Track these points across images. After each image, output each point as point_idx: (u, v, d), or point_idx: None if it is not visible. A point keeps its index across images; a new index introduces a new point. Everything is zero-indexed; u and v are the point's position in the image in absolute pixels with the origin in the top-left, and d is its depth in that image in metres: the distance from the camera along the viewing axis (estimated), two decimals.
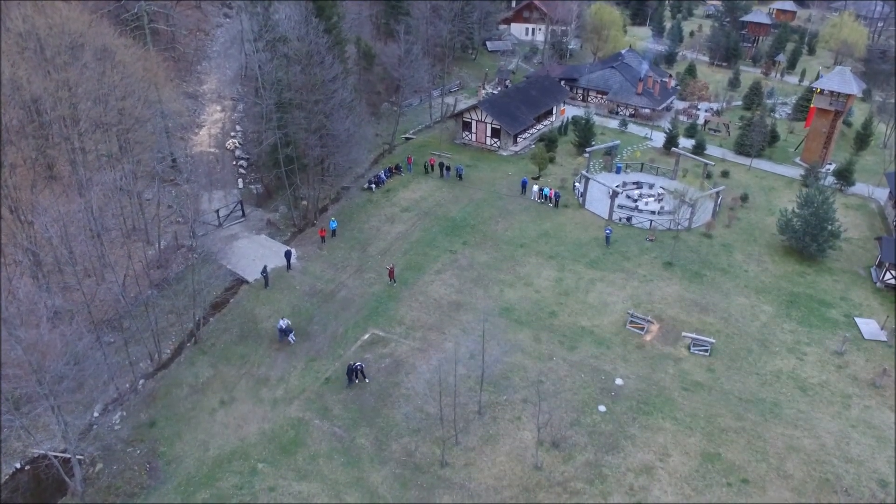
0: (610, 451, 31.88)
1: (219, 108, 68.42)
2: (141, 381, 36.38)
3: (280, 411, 34.17)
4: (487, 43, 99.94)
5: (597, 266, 46.80)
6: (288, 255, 45.47)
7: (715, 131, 74.51)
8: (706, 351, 38.53)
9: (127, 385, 35.89)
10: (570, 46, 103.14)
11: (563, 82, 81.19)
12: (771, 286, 45.40)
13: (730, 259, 48.48)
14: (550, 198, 55.32)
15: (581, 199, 56.10)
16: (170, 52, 72.36)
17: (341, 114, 49.01)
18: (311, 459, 31.38)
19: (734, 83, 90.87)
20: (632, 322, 40.56)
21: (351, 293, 43.53)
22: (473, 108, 66.25)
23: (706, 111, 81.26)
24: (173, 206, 52.54)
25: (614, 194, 52.50)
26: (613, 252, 48.61)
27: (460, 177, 59.36)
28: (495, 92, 77.80)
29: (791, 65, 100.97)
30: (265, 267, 44.07)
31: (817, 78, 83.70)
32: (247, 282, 44.78)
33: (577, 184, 58.17)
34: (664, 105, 78.83)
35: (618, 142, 62.41)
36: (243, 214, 52.54)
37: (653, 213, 54.28)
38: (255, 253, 47.65)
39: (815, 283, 45.95)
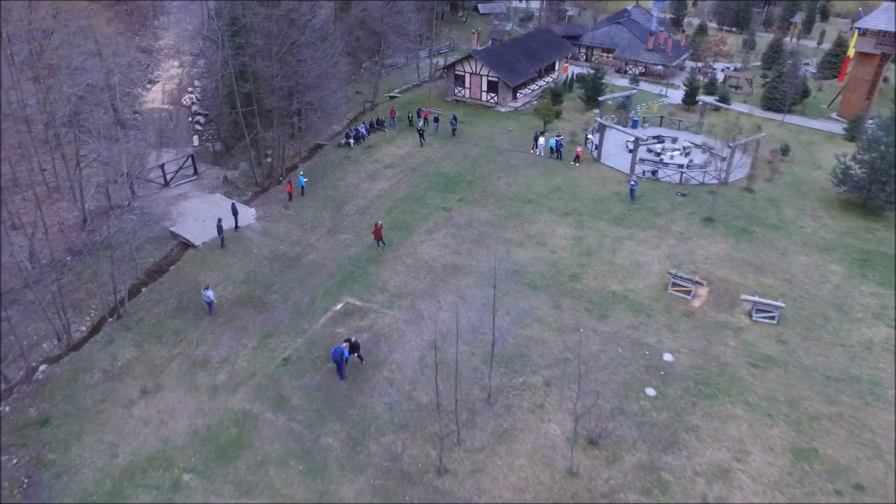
0: (668, 448, 23.44)
1: (176, 63, 59.67)
2: (42, 368, 27.52)
3: (220, 402, 25.46)
4: (479, 5, 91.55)
5: (622, 223, 38.42)
6: (234, 210, 36.68)
7: (737, 87, 66.47)
8: (773, 318, 30.23)
9: (21, 373, 27.04)
10: (568, 12, 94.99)
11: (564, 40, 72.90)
12: (835, 243, 37.19)
13: (780, 214, 40.27)
14: (559, 152, 46.90)
15: (595, 152, 47.73)
16: (122, 5, 63.75)
17: (312, 48, 40.22)
18: (257, 467, 22.67)
19: (749, 44, 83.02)
20: (675, 285, 32.22)
21: (321, 256, 34.88)
22: (467, 58, 57.74)
23: (722, 70, 73.28)
24: (112, 164, 43.69)
25: (637, 143, 44.16)
26: (640, 208, 40.27)
27: (453, 132, 50.85)
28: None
29: (807, 27, 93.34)
30: (220, 221, 35.28)
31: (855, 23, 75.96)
32: (193, 246, 36.02)
33: (589, 136, 49.80)
34: (677, 62, 70.70)
35: (635, 91, 54.15)
36: (195, 172, 43.72)
37: (680, 166, 46.03)
38: (206, 213, 38.87)
39: (888, 240, 37.80)
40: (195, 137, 49.24)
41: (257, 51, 38.16)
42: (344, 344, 26.29)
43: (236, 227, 37.04)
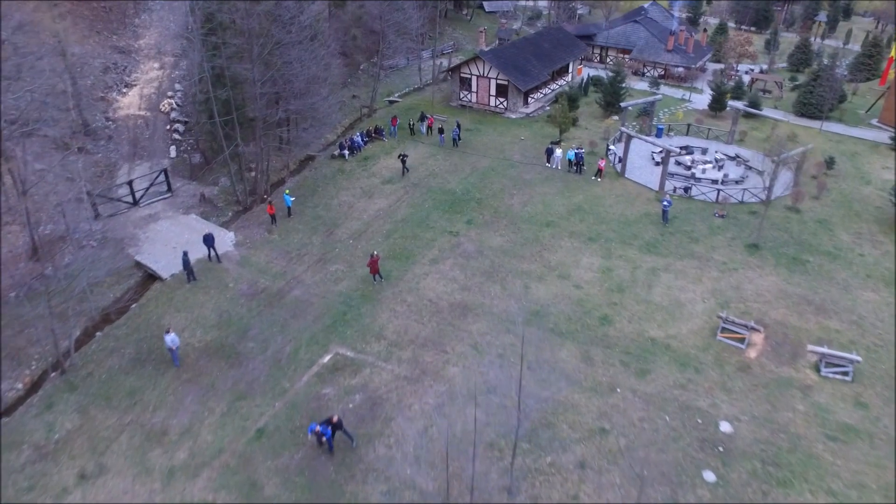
0: None
1: (156, 65, 54.65)
2: None
3: (176, 491, 20.45)
4: (485, 3, 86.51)
5: (656, 250, 33.40)
6: (209, 240, 31.61)
7: (765, 91, 61.42)
8: (847, 374, 25.22)
9: None
10: (578, 11, 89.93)
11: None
12: None
13: (834, 240, 35.24)
14: (580, 165, 41.87)
15: (619, 166, 42.70)
16: (98, 2, 58.92)
17: (300, 48, 35.06)
18: None
19: (772, 45, 77.95)
20: (725, 330, 27.21)
21: (308, 293, 29.87)
22: (474, 59, 52.70)
23: (746, 72, 68.25)
24: (76, 179, 38.72)
25: (667, 155, 39.11)
26: (675, 232, 35.24)
27: (455, 142, 45.84)
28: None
29: (832, 26, 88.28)
30: (186, 255, 30.27)
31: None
32: (160, 278, 31.04)
33: (611, 147, 44.76)
34: (700, 64, 65.64)
35: (659, 96, 49.07)
36: (169, 189, 38.73)
37: (714, 182, 41.00)
38: (177, 238, 33.93)
39: None
40: (172, 148, 44.23)
41: (235, 52, 33.10)
42: (322, 424, 21.21)
43: (211, 257, 31.99)
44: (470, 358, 25.76)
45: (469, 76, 53.47)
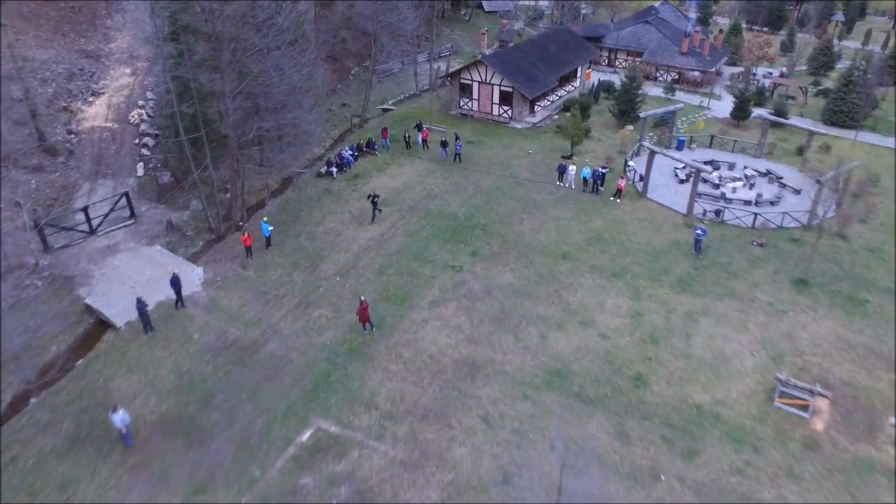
0: None
1: (128, 70, 49.97)
2: None
3: None
4: (484, 2, 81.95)
5: (691, 288, 28.90)
6: (176, 283, 26.90)
7: (789, 97, 57.02)
8: None
9: None
10: (583, 10, 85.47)
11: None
12: None
13: (892, 273, 30.82)
14: (598, 184, 37.32)
15: (640, 184, 38.19)
16: (66, 1, 54.34)
17: (277, 55, 30.32)
18: None
19: (787, 47, 73.68)
20: (784, 395, 22.73)
21: (286, 346, 25.24)
22: (475, 64, 48.12)
23: (765, 76, 63.90)
24: (24, 204, 34.03)
25: (697, 174, 34.60)
26: (710, 264, 30.75)
27: (457, 157, 41.27)
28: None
29: (849, 27, 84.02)
30: (141, 302, 25.60)
31: None
32: (114, 327, 26.38)
33: (630, 162, 40.23)
34: (716, 67, 61.20)
35: (681, 105, 44.55)
36: (132, 214, 34.03)
37: (748, 203, 36.57)
38: (138, 276, 29.30)
39: None
40: (140, 165, 39.50)
41: (202, 60, 28.43)
42: None
43: (179, 303, 27.31)
44: (480, 434, 21.19)
45: (470, 82, 48.91)
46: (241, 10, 27.08)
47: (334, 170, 38.76)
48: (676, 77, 60.33)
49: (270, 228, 31.35)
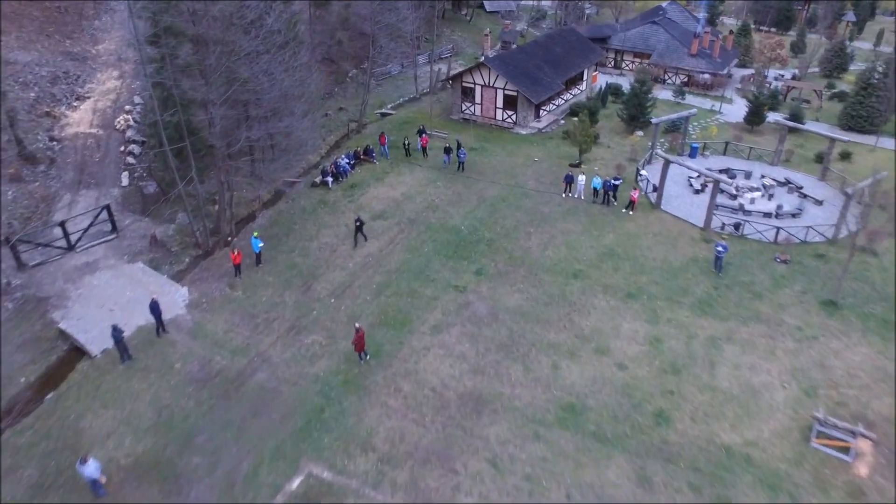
0: None
1: (115, 74, 47.92)
2: None
3: None
4: (486, 2, 79.88)
5: (712, 310, 26.85)
6: (155, 309, 24.82)
7: (802, 101, 54.98)
8: None
9: None
10: (587, 10, 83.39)
11: None
12: None
13: None
14: (610, 195, 35.24)
15: (654, 195, 36.14)
16: (52, 1, 52.46)
17: (267, 59, 28.21)
18: None
19: (798, 48, 71.65)
20: (822, 435, 20.69)
21: (275, 377, 23.18)
22: (478, 67, 46.05)
23: (776, 78, 61.86)
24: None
25: (716, 186, 32.53)
26: (731, 284, 28.69)
27: (461, 165, 39.21)
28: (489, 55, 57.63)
29: (860, 27, 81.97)
30: (116, 329, 23.55)
31: None
32: (89, 355, 24.32)
33: (642, 171, 38.17)
34: (727, 69, 59.13)
35: (694, 110, 42.46)
36: (114, 228, 31.95)
37: (767, 215, 34.54)
38: (118, 297, 27.27)
39: None
40: (125, 175, 37.40)
41: (186, 65, 26.35)
42: None
43: (160, 329, 25.24)
44: (488, 481, 19.15)
45: (472, 85, 46.83)
46: (228, 11, 24.95)
47: (330, 179, 36.69)
48: (686, 80, 58.27)
49: (261, 244, 29.26)
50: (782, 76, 62.60)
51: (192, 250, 31.52)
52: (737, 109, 52.80)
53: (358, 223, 30.96)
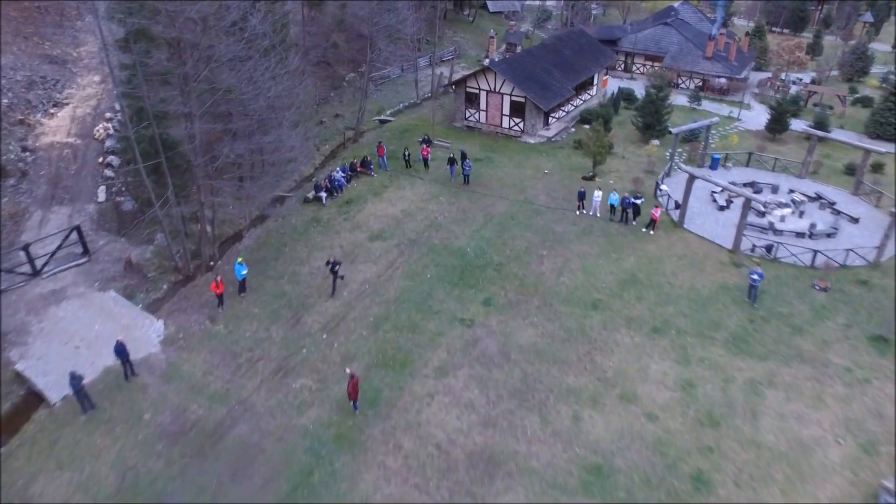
0: None
1: (97, 78, 45.06)
2: None
3: None
4: (489, 2, 77.04)
5: (749, 348, 24.00)
6: (122, 352, 21.95)
7: (824, 107, 52.13)
8: None
9: None
10: (593, 11, 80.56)
11: None
12: None
13: None
14: (630, 213, 32.36)
15: (675, 213, 33.30)
16: (31, 1, 49.69)
17: (251, 66, 25.31)
18: None
19: (814, 50, 68.83)
20: None
21: (259, 429, 20.31)
22: (483, 71, 43.20)
23: (794, 83, 59.04)
24: None
25: (747, 204, 29.66)
26: (767, 315, 25.84)
27: (465, 178, 36.37)
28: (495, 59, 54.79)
29: (877, 28, 79.12)
30: (75, 377, 20.68)
31: None
32: (48, 402, 21.46)
33: (662, 186, 35.32)
34: (744, 73, 56.26)
35: (716, 118, 39.58)
36: (85, 251, 29.08)
37: (800, 235, 31.71)
38: (85, 331, 24.42)
39: None
40: (101, 189, 34.53)
41: (159, 72, 23.49)
42: None
43: (129, 373, 22.35)
44: None
45: (477, 91, 43.97)
46: (205, 12, 22.06)
47: (324, 195, 33.82)
48: (700, 84, 55.42)
49: (244, 272, 26.36)
50: (800, 80, 59.75)
51: (172, 275, 28.64)
52: (756, 116, 49.97)
53: (333, 266, 26.08)
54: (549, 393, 21.75)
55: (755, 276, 26.09)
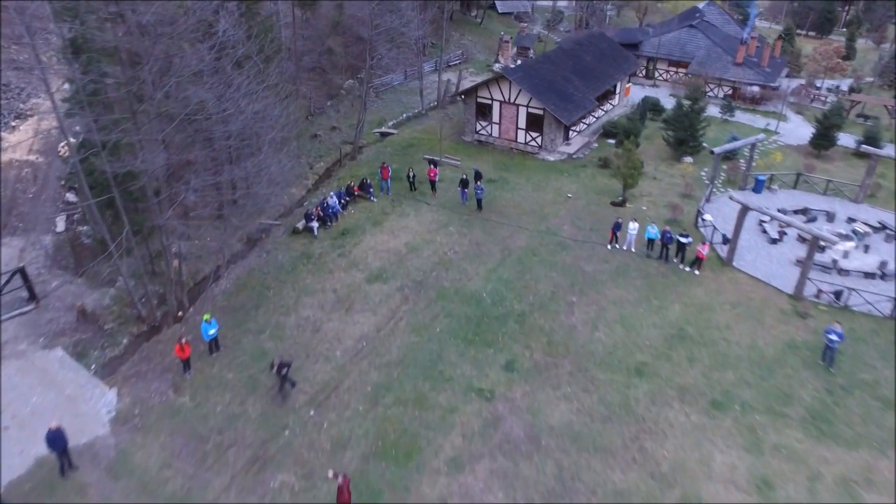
0: None
1: (67, 86, 40.49)
2: None
3: None
4: (498, 3, 72.51)
5: (832, 430, 19.50)
6: (56, 441, 17.45)
7: (866, 118, 47.55)
8: None
9: None
10: (608, 12, 76.02)
11: None
12: None
13: None
14: (670, 250, 27.86)
15: (723, 247, 28.79)
16: None
17: (219, 80, 20.86)
18: None
19: (847, 55, 64.15)
20: None
21: None
22: (497, 80, 38.71)
23: (829, 90, 54.51)
24: None
25: (813, 244, 25.14)
26: (848, 384, 21.34)
27: (479, 203, 31.91)
28: (509, 65, 50.29)
29: None
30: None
31: None
32: None
33: (705, 216, 30.79)
34: (778, 80, 51.66)
35: (762, 136, 35.02)
36: (31, 296, 24.65)
37: (870, 275, 27.17)
38: (18, 406, 20.11)
39: None
40: (61, 218, 30.10)
41: (105, 90, 19.09)
42: None
43: (65, 466, 17.87)
44: None
45: (489, 101, 39.45)
46: (159, 14, 17.64)
47: (315, 225, 29.35)
48: (730, 92, 50.88)
49: (212, 332, 21.83)
50: (837, 87, 55.19)
51: (134, 325, 24.24)
52: (794, 128, 45.46)
53: (281, 369, 19.98)
54: (590, 495, 17.28)
55: (833, 337, 21.55)
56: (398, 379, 21.19)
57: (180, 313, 24.14)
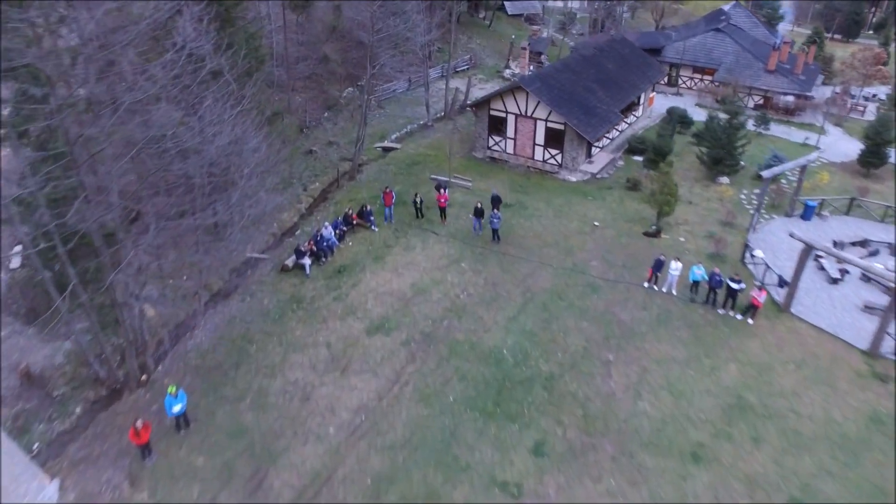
0: None
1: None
2: None
3: None
4: (507, 4, 68.65)
5: None
6: None
7: None
8: None
9: None
10: (625, 14, 72.17)
11: None
12: None
13: None
14: (718, 295, 23.98)
15: (779, 292, 24.90)
16: None
17: (176, 106, 17.04)
18: None
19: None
20: None
21: None
22: (512, 91, 34.85)
23: (867, 98, 50.62)
24: None
25: (894, 297, 21.26)
26: None
27: (494, 234, 28.05)
28: (525, 74, 46.46)
29: None
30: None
31: None
32: None
33: (756, 252, 26.87)
34: (814, 89, 47.75)
35: (814, 155, 30.97)
36: None
37: None
38: None
39: None
40: (18, 251, 26.28)
41: (39, 117, 15.35)
42: None
43: None
44: None
45: (503, 114, 35.62)
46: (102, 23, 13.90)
47: (307, 262, 25.52)
48: (761, 101, 46.99)
49: (178, 407, 17.99)
50: (874, 96, 51.28)
51: (90, 390, 20.48)
52: (834, 142, 41.62)
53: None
54: None
55: None
56: (404, 466, 17.37)
57: (144, 377, 20.34)
